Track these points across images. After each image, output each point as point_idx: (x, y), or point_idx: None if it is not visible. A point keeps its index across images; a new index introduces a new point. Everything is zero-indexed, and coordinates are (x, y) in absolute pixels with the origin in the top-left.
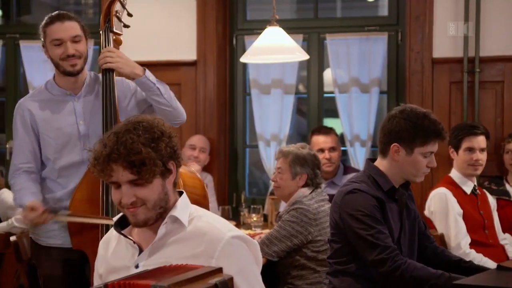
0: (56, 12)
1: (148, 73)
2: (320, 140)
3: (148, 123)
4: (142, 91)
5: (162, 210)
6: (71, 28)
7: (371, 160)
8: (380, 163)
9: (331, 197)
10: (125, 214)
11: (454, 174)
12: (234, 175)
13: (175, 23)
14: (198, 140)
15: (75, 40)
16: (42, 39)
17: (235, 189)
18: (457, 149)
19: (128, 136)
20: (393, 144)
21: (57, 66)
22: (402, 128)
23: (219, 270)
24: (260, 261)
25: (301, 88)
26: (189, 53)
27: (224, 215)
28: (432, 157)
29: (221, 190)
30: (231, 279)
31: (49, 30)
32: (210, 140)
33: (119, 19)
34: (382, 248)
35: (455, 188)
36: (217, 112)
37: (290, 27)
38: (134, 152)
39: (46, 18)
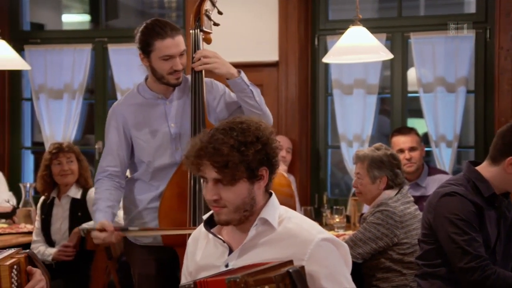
0: (162, 21)
1: (243, 74)
2: (400, 141)
3: (247, 126)
4: (233, 92)
5: (248, 213)
6: (181, 43)
7: (472, 163)
8: (486, 169)
9: (416, 198)
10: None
11: None
12: (316, 176)
13: (257, 24)
14: (284, 140)
15: (182, 54)
16: (142, 46)
17: (317, 190)
18: None
19: (220, 136)
20: (510, 158)
21: (160, 77)
22: None
23: (290, 262)
24: (350, 262)
25: (385, 88)
26: (271, 54)
27: (306, 216)
28: None
29: (303, 191)
30: (302, 268)
31: (160, 44)
32: (292, 141)
33: (209, 18)
34: (473, 257)
35: None
36: (299, 113)
37: (373, 27)
38: (219, 153)
39: (149, 26)
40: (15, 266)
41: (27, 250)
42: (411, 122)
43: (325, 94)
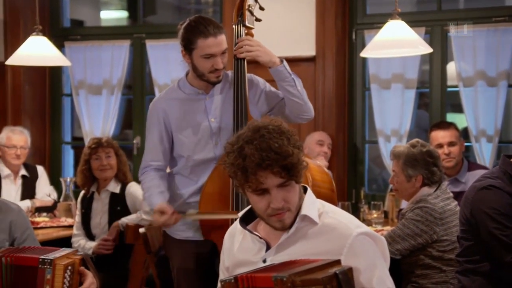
0: (206, 19)
1: (285, 63)
2: (439, 135)
3: (275, 125)
4: (276, 81)
5: (298, 209)
6: (223, 42)
7: (507, 156)
8: None
9: (455, 194)
10: (267, 221)
11: None
12: (353, 171)
13: (294, 19)
14: (325, 136)
15: (223, 52)
16: (184, 44)
17: (354, 185)
18: None
19: (271, 141)
20: None
21: (200, 75)
22: None
23: (338, 262)
24: (388, 257)
25: (423, 82)
26: (308, 49)
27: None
28: None
29: (340, 186)
30: (350, 269)
31: (202, 43)
32: (329, 136)
33: (251, 13)
34: None
35: None
36: (336, 108)
37: (412, 20)
38: (285, 155)
39: (193, 24)
40: (69, 267)
41: (82, 253)
42: (451, 117)
43: (362, 89)
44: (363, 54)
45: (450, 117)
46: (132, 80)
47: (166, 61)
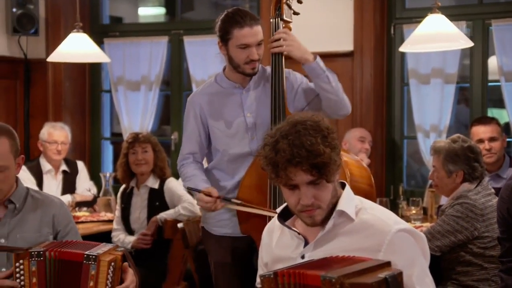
0: (242, 11)
1: (318, 59)
2: (480, 130)
3: (313, 122)
4: (311, 78)
5: (332, 206)
6: (258, 32)
7: None
8: None
9: (496, 190)
10: (299, 216)
11: None
12: (391, 167)
13: (332, 13)
14: (366, 132)
15: (259, 44)
16: (221, 34)
17: (392, 182)
18: None
19: (305, 138)
20: None
21: (236, 66)
22: None
23: (388, 264)
24: (428, 254)
25: (464, 77)
26: (345, 44)
27: None
28: None
29: (378, 182)
30: (400, 274)
31: (238, 33)
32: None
33: (289, 7)
34: None
35: None
36: (374, 103)
37: (453, 14)
38: (316, 153)
39: (230, 15)
40: (112, 263)
41: (122, 248)
42: (492, 112)
43: (401, 84)
44: (402, 48)
45: (491, 112)
46: (170, 76)
47: (204, 57)
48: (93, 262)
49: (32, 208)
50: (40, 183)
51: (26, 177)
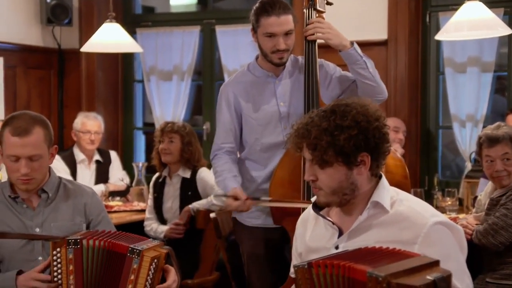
0: (276, 0)
1: (355, 45)
2: None
3: (349, 109)
4: (348, 64)
5: (349, 197)
6: (286, 22)
7: None
8: None
9: None
10: None
11: None
12: (426, 158)
13: (366, 2)
14: (400, 122)
15: (287, 34)
16: (252, 22)
17: (427, 172)
18: None
19: (316, 119)
20: None
21: (264, 55)
22: None
23: (436, 263)
24: (465, 247)
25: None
26: (380, 32)
27: None
28: None
29: (412, 173)
30: (449, 276)
31: (264, 21)
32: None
33: None
34: None
35: None
36: (408, 93)
37: (490, 1)
38: (309, 135)
39: (261, 3)
40: (155, 260)
41: (168, 247)
42: None
43: (436, 73)
44: (438, 37)
45: None
46: (202, 66)
47: (236, 47)
48: (136, 256)
49: (65, 197)
50: (74, 173)
51: (60, 167)
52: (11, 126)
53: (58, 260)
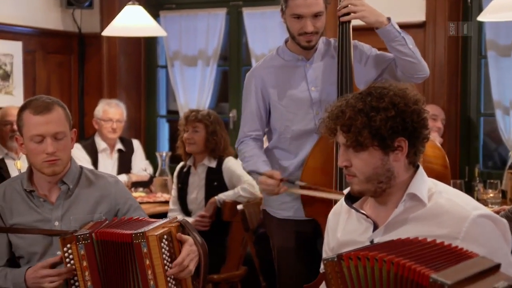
0: None
1: (393, 21)
2: None
3: (387, 91)
4: (385, 42)
5: (384, 186)
6: (315, 3)
7: None
8: None
9: None
10: None
11: None
12: (466, 147)
13: None
14: (439, 109)
15: (316, 15)
16: (282, 3)
17: (467, 163)
18: None
19: (352, 100)
20: None
21: (292, 37)
22: None
23: (497, 267)
24: (510, 240)
25: None
26: (417, 14)
27: None
28: None
29: (451, 163)
30: None
31: (292, 2)
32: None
33: None
34: None
35: None
36: (447, 78)
37: None
38: (343, 116)
39: None
40: (165, 236)
41: (181, 219)
42: None
43: (478, 56)
44: (481, 18)
45: None
46: (228, 51)
47: (264, 30)
48: (142, 240)
49: (86, 188)
50: (95, 162)
51: (81, 156)
52: (31, 107)
53: (70, 256)
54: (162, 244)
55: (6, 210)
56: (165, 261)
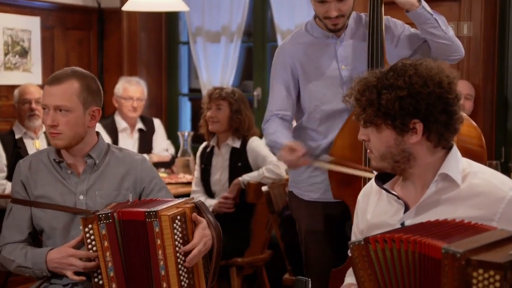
0: None
1: (424, 3)
2: None
3: (406, 69)
4: (417, 24)
5: (404, 166)
6: None
7: None
8: None
9: None
10: None
11: None
12: (502, 127)
13: None
14: (464, 85)
15: (340, 0)
16: None
17: (503, 143)
18: None
19: (371, 77)
20: None
21: (319, 18)
22: None
23: None
24: None
25: None
26: None
27: None
28: None
29: (487, 143)
30: None
31: None
32: (474, 87)
33: None
34: None
35: None
36: (483, 54)
37: None
38: (360, 93)
39: None
40: (178, 217)
41: (197, 200)
42: None
43: None
44: None
45: None
46: (252, 27)
47: (290, 5)
48: (154, 219)
49: (112, 165)
50: (115, 142)
51: None
52: (51, 76)
53: (92, 237)
54: (175, 225)
55: (31, 181)
56: (176, 242)
